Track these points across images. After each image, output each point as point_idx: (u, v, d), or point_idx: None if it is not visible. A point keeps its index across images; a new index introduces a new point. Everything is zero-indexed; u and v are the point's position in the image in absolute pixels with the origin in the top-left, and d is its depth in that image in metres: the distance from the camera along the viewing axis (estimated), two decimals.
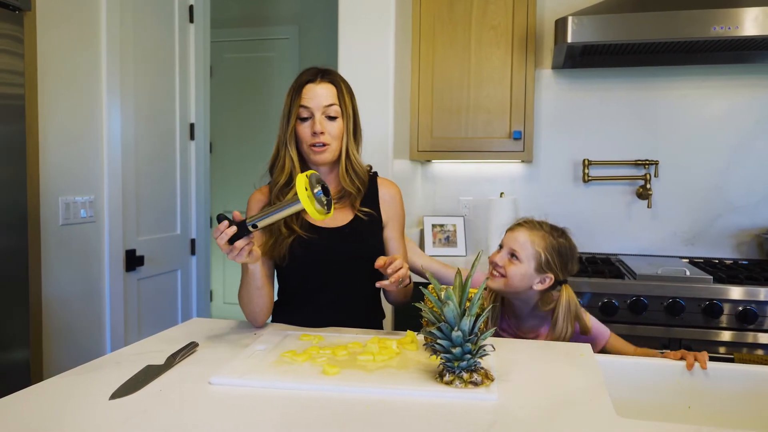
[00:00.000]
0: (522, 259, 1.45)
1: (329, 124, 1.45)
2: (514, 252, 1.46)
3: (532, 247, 1.45)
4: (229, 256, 1.23)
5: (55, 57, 2.18)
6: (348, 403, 0.96)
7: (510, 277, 1.46)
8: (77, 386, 1.04)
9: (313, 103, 1.44)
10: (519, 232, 1.48)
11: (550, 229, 1.50)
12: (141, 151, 2.68)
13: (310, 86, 1.45)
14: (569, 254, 1.50)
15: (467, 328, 1.02)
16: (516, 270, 1.45)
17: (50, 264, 2.19)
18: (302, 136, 1.46)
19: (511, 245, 1.47)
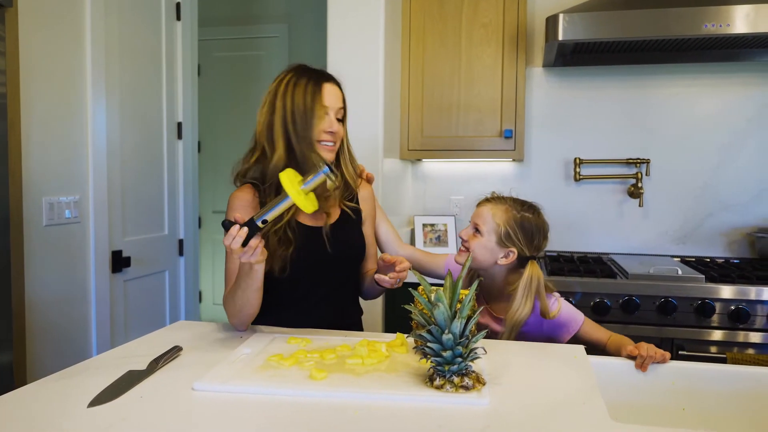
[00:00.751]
0: (483, 232, 1.46)
1: (338, 125, 1.47)
2: (477, 226, 1.47)
3: (493, 220, 1.45)
4: (243, 258, 1.22)
5: (39, 55, 2.14)
6: (336, 409, 0.93)
7: (473, 251, 1.46)
8: (55, 393, 1.00)
9: (331, 103, 1.45)
10: (483, 207, 1.49)
11: (513, 203, 1.48)
12: (127, 150, 2.64)
13: (328, 87, 1.45)
14: (535, 229, 1.46)
15: (458, 331, 0.99)
16: (477, 243, 1.46)
17: (34, 265, 2.15)
18: (315, 132, 1.44)
19: (475, 219, 1.49)
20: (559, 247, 2.78)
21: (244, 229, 1.19)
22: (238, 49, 4.43)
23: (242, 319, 1.39)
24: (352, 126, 2.33)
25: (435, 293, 1.00)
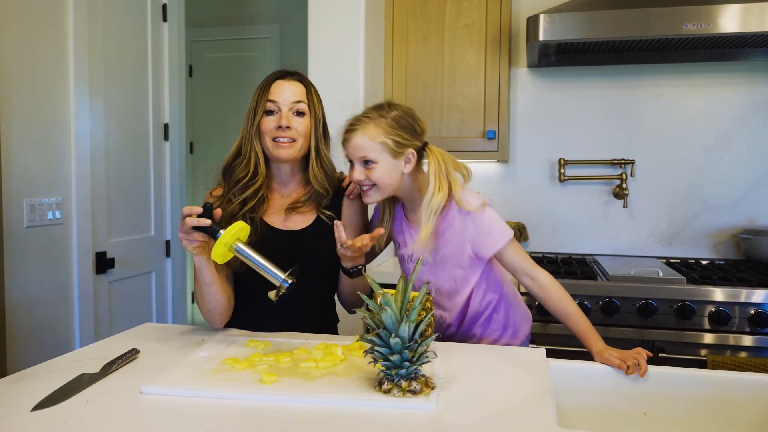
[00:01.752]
0: (375, 158, 1.34)
1: (296, 120, 1.43)
2: (365, 158, 1.35)
3: (374, 141, 1.33)
4: (183, 237, 1.24)
5: (17, 56, 2.14)
6: (280, 414, 0.93)
7: (379, 182, 1.35)
8: (6, 396, 1.00)
9: (281, 98, 1.43)
10: (354, 137, 1.35)
11: (373, 114, 1.36)
12: (112, 151, 2.64)
13: (279, 82, 1.44)
14: (410, 119, 1.38)
15: (406, 335, 0.98)
16: (378, 172, 1.35)
17: (14, 267, 2.15)
18: (266, 130, 1.43)
19: (357, 154, 1.36)
20: (544, 249, 2.77)
21: (206, 220, 1.22)
22: (231, 50, 4.44)
23: (207, 315, 1.41)
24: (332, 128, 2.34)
25: (383, 296, 0.99)
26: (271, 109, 1.43)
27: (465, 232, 1.40)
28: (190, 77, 4.32)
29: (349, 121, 1.39)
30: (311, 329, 1.46)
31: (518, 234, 2.70)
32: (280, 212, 1.49)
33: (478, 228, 1.39)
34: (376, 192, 1.37)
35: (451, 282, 1.45)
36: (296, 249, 1.44)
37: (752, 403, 1.17)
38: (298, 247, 1.44)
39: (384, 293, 1.00)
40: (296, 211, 1.48)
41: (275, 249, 1.38)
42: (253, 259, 1.24)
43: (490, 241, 1.39)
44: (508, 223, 2.71)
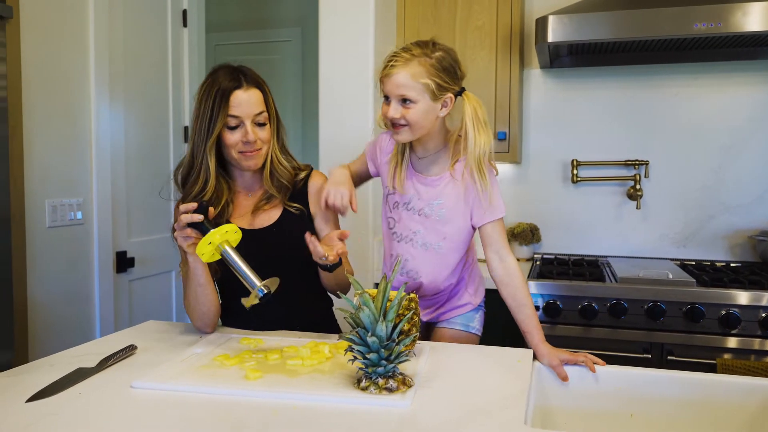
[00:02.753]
0: (414, 98, 1.32)
1: (260, 131, 1.43)
2: (404, 96, 1.32)
3: (418, 81, 1.31)
4: (178, 234, 1.28)
5: (41, 61, 2.22)
6: (258, 409, 0.97)
7: (414, 123, 1.34)
8: (4, 388, 1.06)
9: (243, 112, 1.39)
10: (397, 75, 1.31)
11: (420, 51, 1.33)
12: (132, 153, 2.72)
13: (238, 93, 1.39)
14: (451, 61, 1.36)
15: (383, 334, 1.01)
16: (415, 113, 1.32)
17: (37, 266, 2.24)
18: (230, 144, 1.41)
19: (396, 91, 1.32)
20: (556, 250, 2.76)
21: (199, 216, 1.25)
22: (253, 53, 4.51)
23: (202, 319, 1.42)
24: (345, 131, 2.37)
25: (361, 296, 1.02)
26: (233, 124, 1.40)
27: (468, 192, 1.40)
28: None
29: (391, 54, 1.35)
30: (304, 320, 1.47)
31: (530, 235, 2.70)
32: (247, 213, 1.50)
33: (484, 191, 1.39)
34: (408, 132, 1.35)
35: (439, 239, 1.46)
36: (267, 246, 1.43)
37: (740, 406, 1.16)
38: (268, 243, 1.44)
39: (363, 293, 1.03)
40: (262, 210, 1.49)
41: (247, 249, 1.37)
42: (236, 265, 1.26)
43: (489, 210, 1.40)
44: (521, 224, 2.73)
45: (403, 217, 1.47)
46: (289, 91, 4.38)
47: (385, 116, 1.37)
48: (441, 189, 1.43)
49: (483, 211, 1.42)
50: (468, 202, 1.42)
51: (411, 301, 1.19)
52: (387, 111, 1.35)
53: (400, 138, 1.38)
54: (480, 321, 1.60)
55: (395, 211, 1.50)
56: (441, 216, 1.44)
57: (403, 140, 1.39)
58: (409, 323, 1.17)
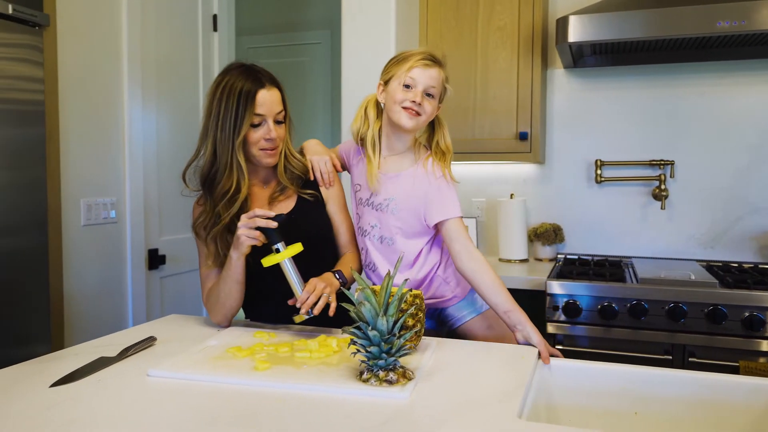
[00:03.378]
0: (436, 95, 1.50)
1: (278, 129, 1.50)
2: (432, 90, 1.48)
3: (443, 83, 1.52)
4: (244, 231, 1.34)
5: (76, 66, 2.33)
6: (264, 397, 1.01)
7: (428, 115, 1.49)
8: (32, 374, 1.13)
9: (267, 110, 1.47)
10: (432, 70, 1.48)
11: (444, 61, 1.54)
12: (163, 155, 2.82)
13: (263, 93, 1.46)
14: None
15: (384, 328, 1.04)
16: (431, 107, 1.49)
17: (72, 263, 2.34)
18: (253, 141, 1.48)
19: (428, 83, 1.47)
20: (580, 250, 2.75)
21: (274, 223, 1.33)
22: (284, 56, 4.60)
23: (224, 313, 1.48)
24: None
25: (362, 292, 1.06)
26: (257, 122, 1.46)
27: (425, 192, 1.51)
28: None
29: (423, 51, 1.50)
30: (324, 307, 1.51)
31: (553, 236, 2.70)
32: (264, 204, 1.57)
33: (437, 191, 1.50)
34: (420, 120, 1.48)
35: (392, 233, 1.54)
36: (286, 233, 1.46)
37: (745, 406, 1.16)
38: (287, 231, 1.47)
39: (364, 289, 1.06)
40: (277, 201, 1.56)
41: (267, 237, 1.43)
42: (293, 278, 1.36)
43: (442, 208, 1.49)
44: (544, 224, 2.73)
45: (365, 212, 1.58)
46: (319, 93, 4.44)
47: (398, 101, 1.47)
48: (398, 186, 1.53)
49: (441, 208, 1.50)
50: (423, 200, 1.51)
51: (416, 297, 1.22)
52: (411, 96, 1.46)
53: (411, 123, 1.48)
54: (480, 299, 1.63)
55: (360, 207, 1.61)
56: (394, 211, 1.53)
57: (413, 126, 1.49)
58: (413, 319, 1.20)
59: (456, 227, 1.50)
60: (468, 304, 1.60)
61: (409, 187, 1.53)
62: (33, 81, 2.07)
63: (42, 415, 0.94)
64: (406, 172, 1.54)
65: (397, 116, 1.48)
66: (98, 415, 0.94)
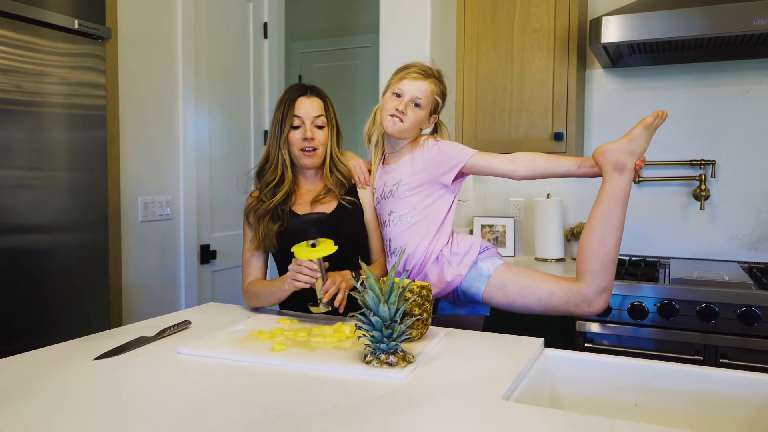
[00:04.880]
0: (423, 106, 1.61)
1: (317, 132, 1.68)
2: (418, 101, 1.60)
3: (432, 95, 1.62)
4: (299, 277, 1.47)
5: (135, 73, 2.52)
6: (277, 375, 1.12)
7: (412, 122, 1.60)
8: (79, 349, 1.28)
9: (304, 113, 1.67)
10: (421, 82, 1.60)
11: (436, 76, 1.65)
12: (216, 155, 3.00)
13: (302, 99, 1.68)
14: (445, 95, 1.69)
15: (386, 315, 1.13)
16: (416, 116, 1.61)
17: (130, 257, 2.54)
18: (293, 141, 1.68)
19: (415, 93, 1.60)
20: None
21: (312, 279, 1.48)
22: (335, 60, 4.74)
23: (256, 306, 1.67)
24: None
25: (366, 280, 1.15)
26: (296, 124, 1.67)
27: (429, 160, 1.62)
28: None
29: (417, 65, 1.65)
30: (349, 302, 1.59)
31: None
32: (307, 203, 1.73)
33: (440, 152, 1.62)
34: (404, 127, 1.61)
35: (408, 210, 1.64)
36: (321, 232, 1.62)
37: (745, 401, 1.18)
38: (323, 230, 1.64)
39: (368, 278, 1.16)
40: (320, 202, 1.71)
41: (302, 232, 1.60)
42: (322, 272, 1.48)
43: (454, 159, 1.60)
44: (581, 224, 2.74)
45: (382, 206, 1.70)
46: (369, 95, 4.56)
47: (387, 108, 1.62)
48: (401, 171, 1.67)
49: (453, 159, 1.60)
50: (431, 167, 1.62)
51: (422, 288, 1.30)
52: (396, 104, 1.61)
53: (395, 127, 1.62)
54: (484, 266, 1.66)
55: (377, 206, 1.74)
56: (404, 192, 1.64)
57: (397, 130, 1.62)
58: (419, 308, 1.28)
59: (482, 158, 1.60)
60: (475, 276, 1.61)
61: (410, 167, 1.65)
62: (96, 87, 2.27)
63: (83, 381, 1.08)
64: (405, 158, 1.67)
65: (383, 121, 1.63)
66: (132, 383, 1.08)
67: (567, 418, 0.93)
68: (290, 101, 1.67)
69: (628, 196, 1.51)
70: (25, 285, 2.03)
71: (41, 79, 2.08)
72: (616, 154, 1.49)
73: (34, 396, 1.01)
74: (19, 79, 2.02)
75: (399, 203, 1.66)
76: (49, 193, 2.13)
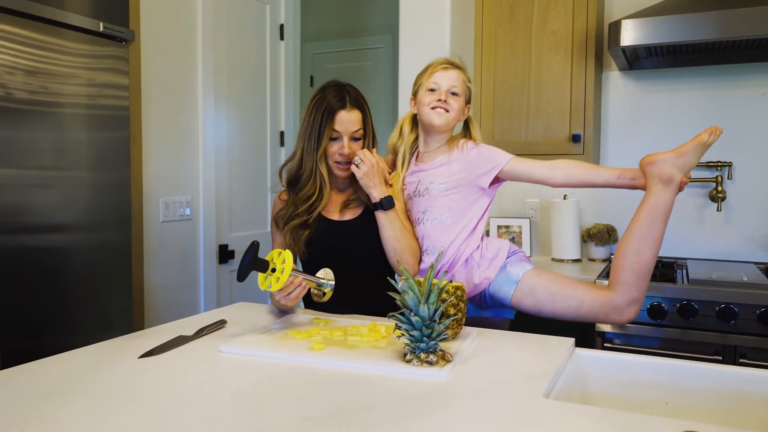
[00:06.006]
0: (460, 94, 1.68)
1: (354, 145, 1.69)
2: (454, 90, 1.66)
3: (464, 83, 1.69)
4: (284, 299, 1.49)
5: (157, 75, 2.56)
6: (318, 373, 1.15)
7: (455, 111, 1.66)
8: (123, 347, 1.31)
9: (344, 129, 1.66)
10: (451, 71, 1.67)
11: (462, 69, 1.72)
12: (234, 156, 3.03)
13: (342, 113, 1.65)
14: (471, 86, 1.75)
15: (426, 315, 1.16)
16: (458, 104, 1.67)
17: (151, 256, 2.57)
18: (330, 153, 1.69)
19: (450, 83, 1.66)
20: None
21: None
22: (348, 60, 4.77)
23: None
24: None
25: (406, 281, 1.18)
26: (335, 137, 1.67)
27: (471, 161, 1.65)
28: (311, 87, 4.72)
29: (440, 58, 1.73)
30: (373, 307, 1.64)
31: (607, 236, 2.73)
32: (337, 208, 1.75)
33: (478, 155, 1.66)
34: (449, 116, 1.65)
35: (444, 211, 1.67)
36: (350, 235, 1.69)
37: None
38: (351, 234, 1.69)
39: (408, 278, 1.19)
40: (349, 208, 1.74)
41: (334, 237, 1.65)
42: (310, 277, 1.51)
43: (492, 162, 1.64)
44: (597, 225, 2.77)
45: (414, 204, 1.73)
46: (381, 95, 4.59)
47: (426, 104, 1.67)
48: (437, 170, 1.70)
49: (491, 163, 1.64)
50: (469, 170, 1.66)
51: (458, 289, 1.33)
52: (436, 96, 1.66)
53: (443, 119, 1.66)
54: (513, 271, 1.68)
55: (408, 203, 1.76)
56: (441, 191, 1.67)
57: (444, 121, 1.66)
58: (454, 308, 1.31)
59: (520, 164, 1.63)
60: (504, 280, 1.63)
61: (447, 167, 1.68)
62: (119, 89, 2.30)
63: (133, 380, 1.11)
64: (440, 158, 1.71)
65: (427, 117, 1.66)
66: (181, 381, 1.11)
67: (608, 416, 0.95)
68: (330, 113, 1.64)
69: (670, 211, 1.48)
70: (48, 284, 2.06)
71: (67, 80, 2.11)
72: (665, 166, 1.47)
73: (88, 395, 1.04)
74: (46, 80, 2.05)
75: (434, 202, 1.68)
76: (74, 192, 2.16)
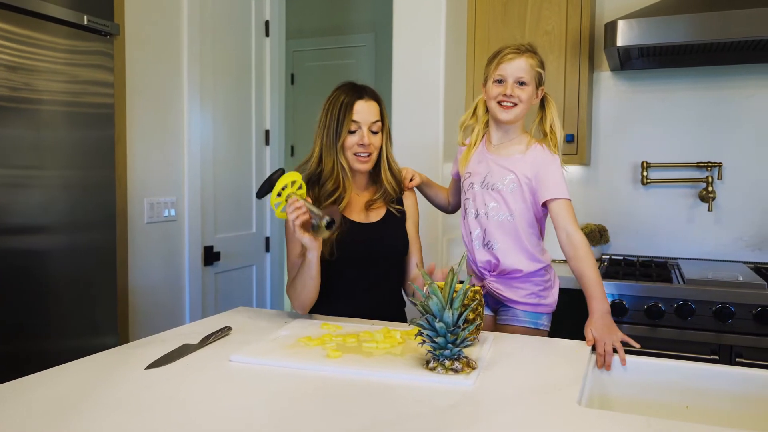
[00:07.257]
0: (528, 82, 1.62)
1: (373, 137, 1.66)
2: (522, 79, 1.61)
3: (533, 69, 1.63)
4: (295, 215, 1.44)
5: (142, 72, 2.46)
6: (338, 383, 1.10)
7: (525, 101, 1.62)
8: (125, 357, 1.24)
9: (362, 118, 1.64)
10: (518, 60, 1.61)
11: (529, 51, 1.64)
12: (219, 156, 2.95)
13: (360, 103, 1.64)
14: (543, 66, 1.68)
15: (450, 321, 1.12)
16: (526, 94, 1.62)
17: (136, 258, 2.48)
18: (348, 145, 1.65)
19: (516, 74, 1.61)
20: (625, 251, 2.77)
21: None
22: (329, 59, 4.71)
23: (302, 303, 1.61)
24: (413, 132, 2.50)
25: (430, 287, 1.14)
26: (353, 129, 1.64)
27: (540, 172, 1.62)
28: (292, 85, 4.65)
29: (507, 46, 1.65)
30: (383, 313, 1.63)
31: (598, 236, 2.73)
32: (359, 208, 1.72)
33: (550, 173, 1.62)
34: (518, 109, 1.62)
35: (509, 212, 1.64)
36: (376, 237, 1.66)
37: None
38: (377, 235, 1.67)
39: (431, 284, 1.14)
40: (373, 208, 1.72)
41: (361, 238, 1.63)
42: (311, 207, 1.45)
43: (552, 189, 1.60)
44: (589, 225, 2.76)
45: (477, 194, 1.68)
46: None
47: (493, 97, 1.63)
48: (512, 166, 1.65)
49: (549, 188, 1.61)
50: (535, 180, 1.63)
51: (476, 293, 1.30)
52: (502, 90, 1.62)
53: (508, 115, 1.63)
54: (548, 319, 1.72)
55: (470, 192, 1.71)
56: (511, 189, 1.64)
57: (512, 116, 1.63)
58: (473, 313, 1.28)
59: (565, 208, 1.60)
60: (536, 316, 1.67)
61: (521, 165, 1.64)
62: (104, 86, 2.20)
63: (142, 393, 1.05)
64: (517, 155, 1.66)
65: (494, 111, 1.64)
66: (193, 394, 1.05)
67: (652, 424, 0.93)
68: (348, 105, 1.63)
69: None
70: (32, 286, 1.96)
71: (50, 76, 2.01)
72: None
73: (100, 409, 0.97)
74: (27, 76, 1.94)
75: (502, 200, 1.65)
76: (57, 192, 2.05)
